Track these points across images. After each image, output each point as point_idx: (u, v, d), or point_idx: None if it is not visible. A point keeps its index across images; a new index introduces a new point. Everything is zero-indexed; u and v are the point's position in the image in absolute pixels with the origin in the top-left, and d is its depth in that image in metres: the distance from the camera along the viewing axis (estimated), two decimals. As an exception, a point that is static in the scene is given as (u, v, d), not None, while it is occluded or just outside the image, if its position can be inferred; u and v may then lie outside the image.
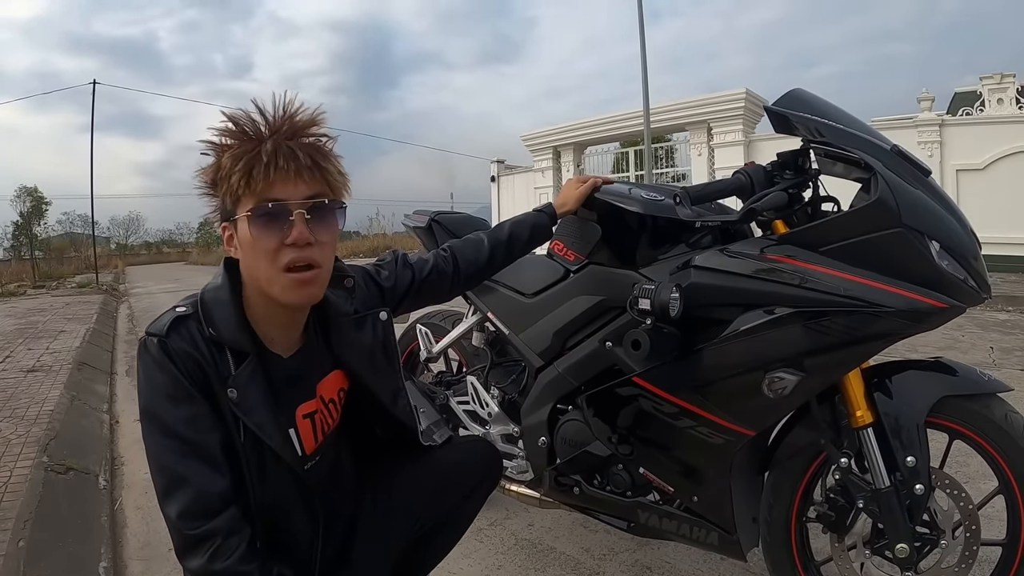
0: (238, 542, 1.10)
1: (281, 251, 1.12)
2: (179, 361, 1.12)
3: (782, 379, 1.39)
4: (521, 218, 1.75)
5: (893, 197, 1.32)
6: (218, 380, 1.14)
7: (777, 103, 1.56)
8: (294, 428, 1.28)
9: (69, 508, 2.51)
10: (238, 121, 1.13)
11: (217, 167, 1.13)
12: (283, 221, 1.11)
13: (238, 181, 1.09)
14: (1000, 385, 1.45)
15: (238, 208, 1.13)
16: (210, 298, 1.19)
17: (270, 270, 1.12)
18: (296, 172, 1.11)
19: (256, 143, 1.11)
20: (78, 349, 5.71)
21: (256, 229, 1.11)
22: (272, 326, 1.24)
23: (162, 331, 1.13)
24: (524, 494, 2.04)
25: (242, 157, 1.09)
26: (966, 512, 1.42)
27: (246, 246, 1.14)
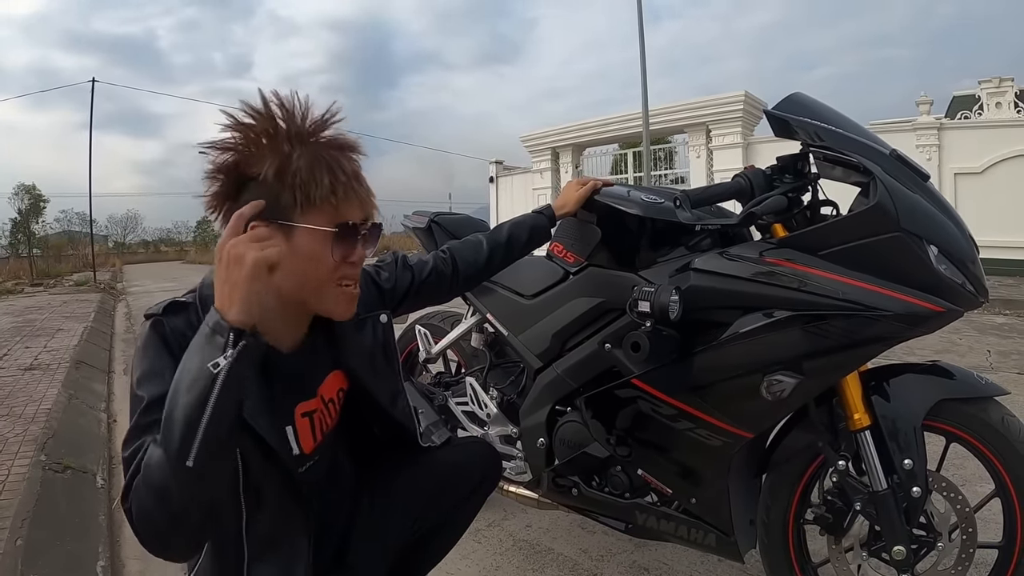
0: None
1: (341, 267, 1.16)
2: (172, 341, 1.10)
3: (780, 382, 1.40)
4: (520, 219, 1.76)
5: (892, 201, 1.33)
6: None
7: (777, 107, 1.57)
8: (292, 426, 1.27)
9: (67, 507, 2.51)
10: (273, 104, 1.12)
11: (282, 167, 1.10)
12: (354, 240, 1.16)
13: (323, 195, 1.10)
14: (997, 389, 1.45)
15: (302, 216, 1.11)
16: (210, 291, 1.13)
17: (326, 283, 1.16)
18: (365, 195, 1.18)
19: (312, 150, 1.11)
20: (76, 347, 5.72)
21: (337, 246, 1.14)
22: (277, 322, 1.22)
23: (159, 311, 1.13)
24: (522, 495, 2.04)
25: (316, 168, 1.10)
26: (963, 515, 1.43)
27: (304, 256, 1.13)
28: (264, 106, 1.12)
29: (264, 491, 1.21)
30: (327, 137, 1.16)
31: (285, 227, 1.11)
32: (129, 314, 9.73)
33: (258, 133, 1.12)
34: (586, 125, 15.33)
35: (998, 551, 1.45)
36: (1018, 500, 1.39)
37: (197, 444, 0.93)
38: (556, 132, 15.88)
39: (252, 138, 1.12)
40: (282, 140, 1.11)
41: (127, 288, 15.01)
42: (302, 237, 1.12)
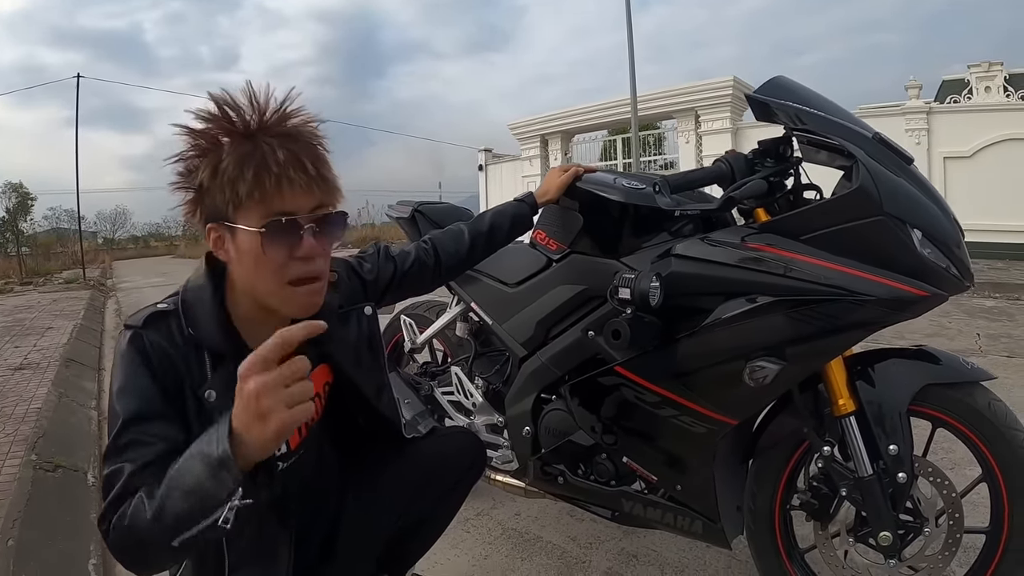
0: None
1: (289, 264, 1.09)
2: (152, 355, 1.09)
3: (763, 368, 1.39)
4: (502, 208, 1.75)
5: (874, 185, 1.32)
6: (191, 381, 1.11)
7: (759, 91, 1.55)
8: None
9: (58, 506, 2.51)
10: (225, 105, 1.08)
11: (215, 168, 1.06)
12: (295, 235, 1.08)
13: (247, 190, 1.04)
14: (983, 373, 1.45)
15: (238, 216, 1.07)
16: (192, 297, 1.16)
17: (276, 283, 1.10)
18: (307, 184, 1.08)
19: (252, 143, 1.06)
20: (65, 346, 5.68)
21: (269, 243, 1.07)
22: (257, 325, 1.20)
23: (139, 323, 1.11)
24: (509, 484, 2.05)
25: (245, 162, 1.04)
26: (949, 500, 1.43)
27: (248, 256, 1.09)
28: (217, 107, 1.08)
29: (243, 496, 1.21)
30: (279, 128, 1.09)
31: (228, 228, 1.09)
32: (119, 310, 9.71)
33: (213, 137, 1.08)
34: (575, 112, 15.28)
35: (985, 536, 1.45)
36: (1005, 485, 1.38)
37: (187, 536, 0.93)
38: (545, 119, 15.83)
39: (208, 144, 1.08)
40: (226, 137, 1.08)
41: (117, 285, 14.92)
42: (241, 238, 1.08)
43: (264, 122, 1.09)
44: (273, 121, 1.09)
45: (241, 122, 1.08)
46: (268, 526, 1.27)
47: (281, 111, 1.11)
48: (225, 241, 1.11)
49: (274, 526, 1.29)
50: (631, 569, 1.99)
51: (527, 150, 16.31)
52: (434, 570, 1.99)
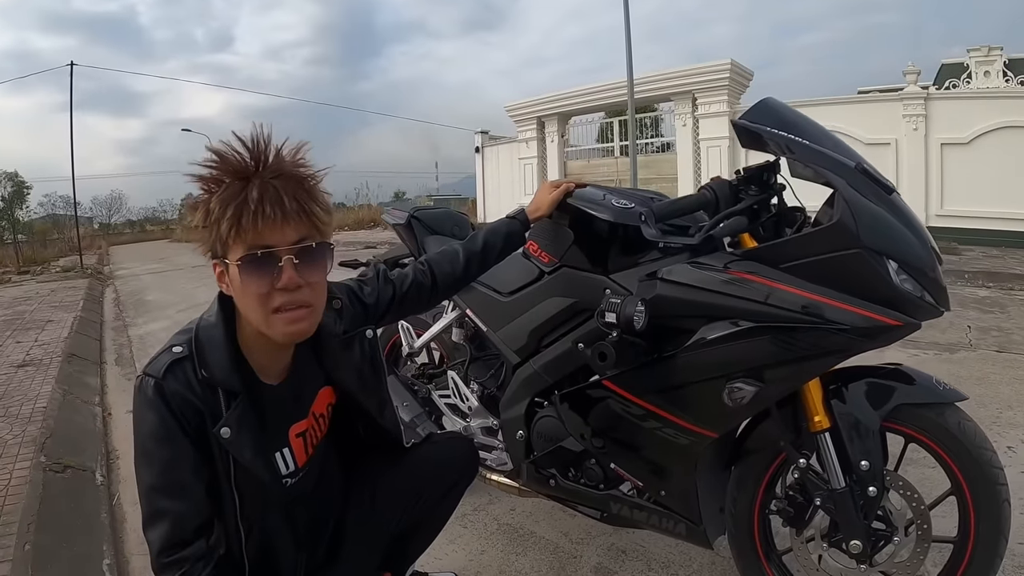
0: (203, 566, 1.21)
1: (272, 295, 1.16)
2: (174, 403, 1.19)
3: (741, 389, 1.46)
4: (495, 226, 1.81)
5: (853, 218, 1.37)
6: (212, 420, 1.22)
7: (745, 116, 1.58)
8: (288, 447, 1.38)
9: (69, 507, 2.57)
10: (223, 155, 1.17)
11: (205, 212, 1.15)
12: (272, 267, 1.15)
13: (228, 229, 1.13)
14: (955, 395, 1.51)
15: (228, 253, 1.17)
16: (204, 337, 1.25)
17: (262, 312, 1.18)
18: (283, 218, 1.15)
19: (242, 185, 1.14)
20: (67, 340, 5.75)
21: (246, 276, 1.15)
22: (266, 355, 1.31)
23: (159, 373, 1.20)
24: (504, 483, 2.13)
25: (230, 204, 1.13)
26: (918, 512, 1.50)
27: (237, 289, 1.19)
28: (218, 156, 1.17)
29: (257, 512, 1.32)
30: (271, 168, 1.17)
31: (223, 263, 1.19)
32: (118, 300, 9.74)
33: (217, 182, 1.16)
34: (572, 94, 15.17)
35: (952, 546, 1.52)
36: (972, 499, 1.45)
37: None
38: (541, 101, 15.71)
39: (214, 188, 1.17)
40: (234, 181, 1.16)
41: (114, 272, 14.91)
42: (231, 272, 1.18)
43: (260, 165, 1.17)
44: (269, 163, 1.18)
45: (240, 168, 1.16)
46: (278, 537, 1.38)
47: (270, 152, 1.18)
48: (225, 276, 1.21)
49: (284, 537, 1.40)
50: (620, 564, 2.09)
51: (524, 132, 16.22)
52: (432, 564, 2.08)
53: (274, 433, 1.34)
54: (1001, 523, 1.44)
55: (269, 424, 1.32)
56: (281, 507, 1.37)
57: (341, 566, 1.54)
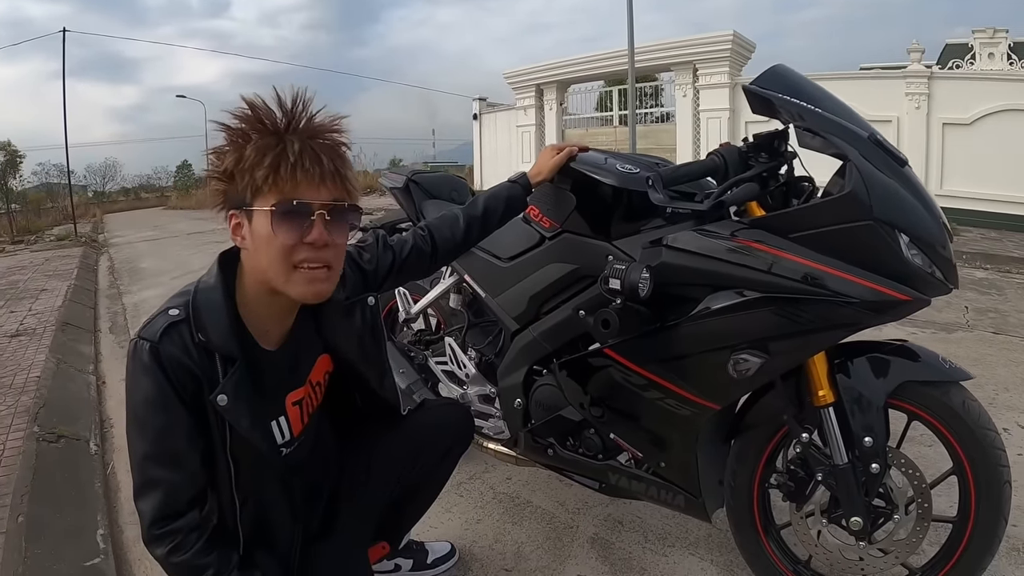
0: (197, 537, 1.18)
1: (297, 248, 1.15)
2: (169, 368, 1.15)
3: (746, 361, 1.43)
4: (495, 191, 1.76)
5: (866, 189, 1.33)
6: (208, 384, 1.18)
7: (757, 82, 1.53)
8: (284, 416, 1.35)
9: (63, 477, 2.55)
10: (257, 108, 1.14)
11: (239, 157, 1.13)
12: (304, 220, 1.14)
13: (264, 176, 1.12)
14: (961, 374, 1.48)
15: (256, 201, 1.15)
16: (202, 299, 1.21)
17: (283, 265, 1.16)
18: (320, 176, 1.15)
19: (277, 138, 1.13)
20: (60, 308, 5.70)
21: (278, 224, 1.13)
22: (267, 319, 1.28)
23: (154, 337, 1.16)
24: (501, 452, 2.11)
25: (267, 152, 1.11)
26: (919, 490, 1.48)
27: (261, 239, 1.16)
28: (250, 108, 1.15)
29: (252, 482, 1.29)
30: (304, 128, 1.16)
31: (247, 212, 1.16)
32: (112, 267, 9.67)
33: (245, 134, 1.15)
34: (571, 62, 14.96)
35: (952, 526, 1.50)
36: (973, 479, 1.43)
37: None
38: (540, 69, 15.53)
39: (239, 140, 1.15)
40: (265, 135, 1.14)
41: (109, 240, 14.80)
42: (256, 221, 1.15)
43: (292, 123, 1.15)
44: (301, 123, 1.16)
45: (271, 123, 1.14)
46: (274, 508, 1.36)
47: (308, 114, 1.17)
48: (243, 227, 1.18)
49: (280, 507, 1.37)
50: (616, 535, 2.07)
51: (522, 99, 16.04)
52: (428, 533, 2.07)
53: (270, 400, 1.31)
54: (1002, 504, 1.42)
55: (266, 390, 1.28)
56: (277, 477, 1.34)
57: (336, 536, 1.52)
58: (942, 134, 10.07)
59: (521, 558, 1.99)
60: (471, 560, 1.98)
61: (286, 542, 1.40)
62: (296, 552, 1.43)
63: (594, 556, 1.98)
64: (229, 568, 1.21)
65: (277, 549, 1.38)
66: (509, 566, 1.95)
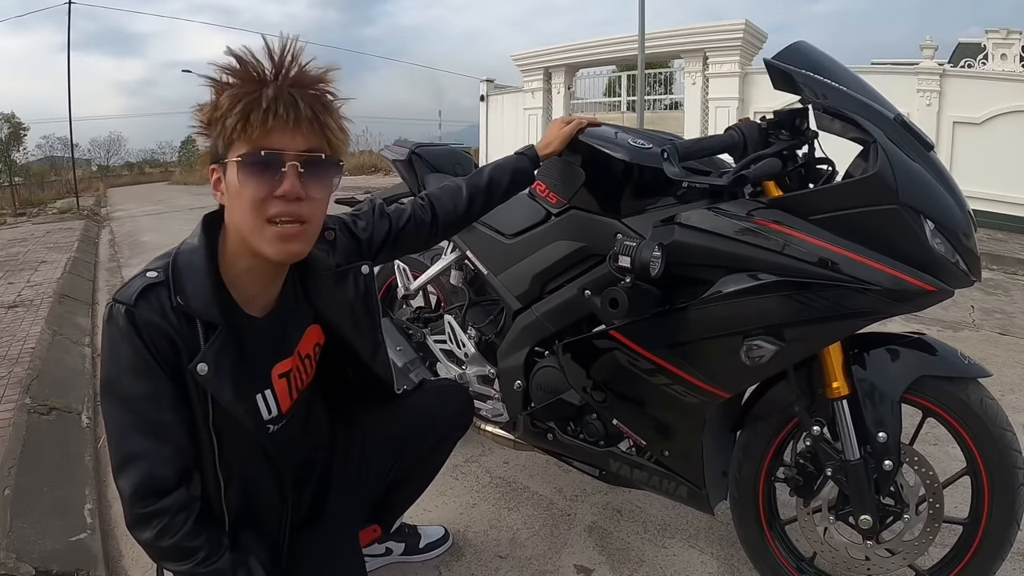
0: (185, 518, 1.11)
1: (268, 202, 1.08)
2: (146, 333, 1.08)
3: (760, 347, 1.37)
4: (502, 162, 1.69)
5: (892, 172, 1.26)
6: (188, 352, 1.11)
7: (778, 57, 1.47)
8: (270, 389, 1.28)
9: (53, 450, 2.51)
10: (242, 59, 1.07)
11: (214, 106, 1.07)
12: (275, 171, 1.07)
13: (233, 124, 1.04)
14: (980, 370, 1.42)
15: (229, 152, 1.08)
16: (183, 262, 1.14)
17: (254, 220, 1.08)
18: (295, 122, 1.07)
19: (258, 86, 1.06)
20: (59, 280, 5.66)
21: (245, 176, 1.07)
22: (252, 284, 1.21)
23: (130, 300, 1.09)
24: (499, 435, 2.06)
25: (240, 99, 1.04)
26: (931, 489, 1.43)
27: (233, 192, 1.09)
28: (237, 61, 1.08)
29: (237, 459, 1.22)
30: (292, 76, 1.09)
31: (223, 165, 1.10)
32: (113, 241, 9.66)
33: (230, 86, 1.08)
34: (580, 46, 14.83)
35: (962, 528, 1.45)
36: (987, 482, 1.38)
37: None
38: (549, 52, 15.40)
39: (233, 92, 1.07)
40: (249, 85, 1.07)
41: (111, 214, 14.76)
42: (228, 172, 1.09)
43: (279, 73, 1.08)
44: (287, 70, 1.09)
45: (257, 73, 1.08)
46: (262, 486, 1.30)
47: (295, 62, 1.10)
48: (221, 182, 1.12)
49: (268, 487, 1.31)
50: (615, 524, 2.03)
51: (530, 82, 15.92)
52: (423, 517, 2.03)
53: (255, 371, 1.24)
54: (1015, 508, 1.37)
55: (251, 361, 1.21)
56: (264, 455, 1.27)
57: (327, 519, 1.47)
58: (952, 133, 9.97)
59: (516, 545, 1.94)
60: (465, 545, 1.94)
61: (274, 523, 1.34)
62: (284, 533, 1.36)
63: (591, 545, 1.93)
64: (220, 551, 1.14)
65: (264, 530, 1.32)
66: (504, 553, 1.90)
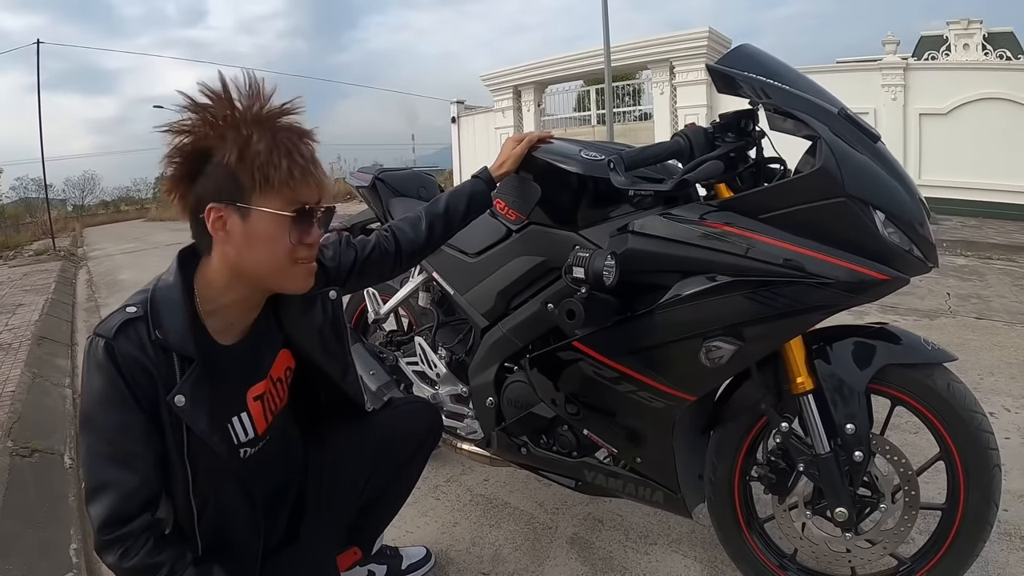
0: (147, 538, 1.13)
1: (299, 248, 1.18)
2: (124, 365, 1.11)
3: (719, 348, 1.38)
4: (458, 188, 1.72)
5: (837, 165, 1.28)
6: (164, 385, 1.14)
7: (721, 61, 1.49)
8: (246, 411, 1.30)
9: (36, 492, 2.48)
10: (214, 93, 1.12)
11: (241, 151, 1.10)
12: (309, 222, 1.18)
13: (281, 178, 1.11)
14: (944, 355, 1.43)
15: (260, 199, 1.12)
16: (161, 297, 1.18)
17: (285, 264, 1.18)
18: (318, 179, 1.18)
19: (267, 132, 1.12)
20: (37, 323, 5.59)
21: (285, 228, 1.15)
22: (234, 314, 1.25)
23: (109, 333, 1.12)
24: (475, 453, 2.05)
25: (276, 151, 1.11)
26: (905, 477, 1.44)
27: (260, 238, 1.15)
28: (223, 88, 1.12)
29: (211, 488, 1.24)
30: (284, 123, 1.16)
31: (243, 209, 1.13)
32: (90, 280, 9.57)
33: (216, 115, 1.12)
34: (548, 62, 14.97)
35: (941, 513, 1.46)
36: (961, 464, 1.38)
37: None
38: (518, 70, 15.52)
39: (210, 120, 1.12)
40: (240, 123, 1.11)
41: (88, 253, 14.63)
42: (260, 220, 1.13)
43: (266, 114, 1.14)
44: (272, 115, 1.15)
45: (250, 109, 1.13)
46: (235, 514, 1.30)
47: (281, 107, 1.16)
48: (228, 222, 1.14)
49: (241, 513, 1.31)
50: (596, 535, 2.02)
51: (500, 101, 16.03)
52: (404, 539, 2.02)
53: (230, 396, 1.27)
54: (992, 489, 1.38)
55: (226, 387, 1.25)
56: (238, 480, 1.28)
57: (303, 542, 1.47)
58: (919, 124, 10.15)
59: (499, 561, 1.93)
60: (447, 564, 1.93)
61: (248, 550, 1.34)
62: (258, 560, 1.36)
63: (574, 556, 1.92)
64: (184, 565, 1.15)
65: (238, 557, 1.32)
66: (487, 569, 1.90)
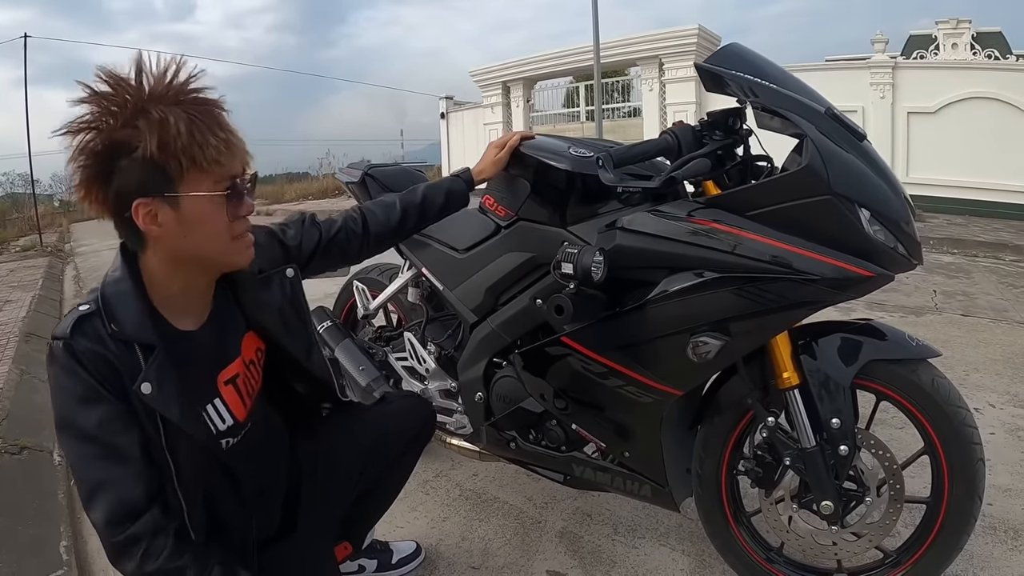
0: (164, 541, 1.09)
1: (236, 223, 1.16)
2: (87, 362, 1.08)
3: (706, 343, 1.39)
4: (438, 183, 1.73)
5: (823, 163, 1.29)
6: (130, 376, 1.10)
7: (710, 60, 1.50)
8: (219, 398, 1.27)
9: (26, 489, 2.47)
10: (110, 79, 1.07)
11: (161, 140, 1.03)
12: (241, 195, 1.16)
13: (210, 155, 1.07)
14: (929, 351, 1.45)
15: (184, 185, 1.08)
16: (111, 291, 1.14)
17: (225, 242, 1.16)
18: (242, 146, 1.14)
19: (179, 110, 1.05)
20: (25, 319, 5.53)
21: (220, 206, 1.12)
22: (185, 302, 1.22)
23: (66, 333, 1.08)
24: (464, 447, 2.07)
25: (195, 130, 1.05)
26: (890, 471, 1.46)
27: (198, 221, 1.11)
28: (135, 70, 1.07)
29: (196, 480, 1.21)
30: (193, 96, 1.10)
31: (173, 199, 1.08)
32: (78, 276, 9.46)
33: (119, 104, 1.06)
34: (537, 58, 14.97)
35: (925, 506, 1.48)
36: (945, 458, 1.41)
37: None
38: (507, 66, 15.51)
39: (113, 111, 1.06)
40: (149, 105, 1.05)
41: (75, 249, 14.45)
42: (194, 205, 1.10)
43: (159, 91, 1.08)
44: (172, 89, 1.09)
45: (154, 89, 1.07)
46: (223, 507, 1.28)
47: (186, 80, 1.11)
48: (160, 215, 1.09)
49: (230, 506, 1.29)
50: (585, 529, 2.04)
51: (488, 97, 16.01)
52: (394, 533, 2.03)
53: (200, 382, 1.23)
54: (976, 483, 1.40)
55: (194, 373, 1.21)
56: (224, 472, 1.26)
57: (296, 537, 1.46)
58: (907, 123, 10.21)
59: (488, 555, 1.94)
60: (437, 559, 1.93)
61: (240, 542, 1.33)
62: (253, 552, 1.35)
63: (563, 550, 1.94)
64: (209, 566, 1.13)
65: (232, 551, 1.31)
66: (476, 563, 1.91)
